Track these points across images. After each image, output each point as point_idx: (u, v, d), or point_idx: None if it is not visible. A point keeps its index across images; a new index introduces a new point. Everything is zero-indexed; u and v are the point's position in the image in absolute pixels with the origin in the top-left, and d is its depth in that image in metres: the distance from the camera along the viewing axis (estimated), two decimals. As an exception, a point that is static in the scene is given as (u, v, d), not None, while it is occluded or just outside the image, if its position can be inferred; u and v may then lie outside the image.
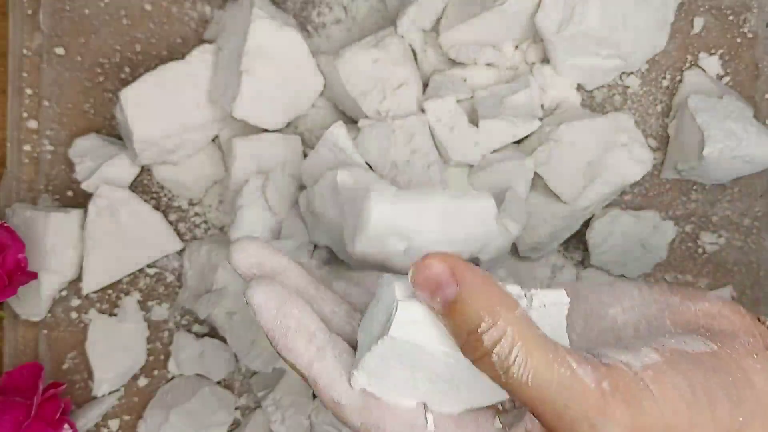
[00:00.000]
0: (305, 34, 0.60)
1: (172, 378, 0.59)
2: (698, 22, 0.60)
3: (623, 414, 0.27)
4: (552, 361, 0.27)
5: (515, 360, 0.27)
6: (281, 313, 0.32)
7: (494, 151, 0.55)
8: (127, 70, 0.60)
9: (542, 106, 0.58)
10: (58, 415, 0.52)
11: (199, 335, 0.59)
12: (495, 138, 0.54)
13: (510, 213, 0.51)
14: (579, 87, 0.59)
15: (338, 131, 0.51)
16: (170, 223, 0.59)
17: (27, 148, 0.59)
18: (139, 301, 0.59)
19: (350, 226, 0.46)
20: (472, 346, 0.27)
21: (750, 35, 0.60)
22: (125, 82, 0.59)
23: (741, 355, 0.31)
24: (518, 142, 0.56)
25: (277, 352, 0.33)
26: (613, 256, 0.57)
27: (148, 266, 0.59)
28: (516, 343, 0.27)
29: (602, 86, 0.60)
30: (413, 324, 0.29)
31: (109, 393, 0.58)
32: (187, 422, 0.56)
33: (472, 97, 0.56)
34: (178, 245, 0.59)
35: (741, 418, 0.29)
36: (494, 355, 0.27)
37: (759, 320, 0.34)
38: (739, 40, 0.60)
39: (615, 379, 0.27)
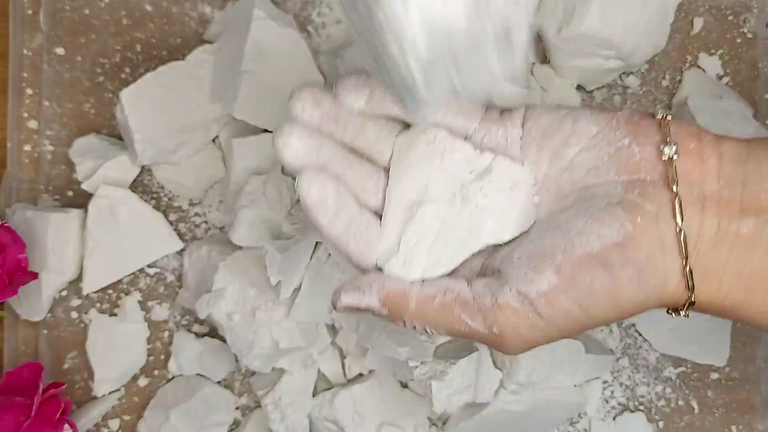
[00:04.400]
0: (305, 34, 0.60)
1: (173, 378, 0.59)
2: (698, 23, 0.60)
3: (513, 342, 0.37)
4: (453, 322, 0.37)
5: (429, 330, 0.38)
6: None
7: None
8: (127, 70, 0.60)
9: (542, 106, 0.58)
10: (59, 415, 0.52)
11: (199, 335, 0.59)
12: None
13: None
14: (579, 87, 0.59)
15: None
16: (170, 223, 0.59)
17: (27, 148, 0.59)
18: (139, 301, 0.59)
19: None
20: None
21: (750, 35, 0.60)
22: (126, 82, 0.59)
23: (653, 238, 0.36)
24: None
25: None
26: None
27: (149, 266, 0.59)
28: (423, 326, 0.38)
29: (602, 86, 0.60)
30: None
31: (110, 393, 0.58)
32: (187, 422, 0.56)
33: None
34: (178, 245, 0.59)
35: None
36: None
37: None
38: (738, 40, 0.60)
39: (502, 322, 0.36)
